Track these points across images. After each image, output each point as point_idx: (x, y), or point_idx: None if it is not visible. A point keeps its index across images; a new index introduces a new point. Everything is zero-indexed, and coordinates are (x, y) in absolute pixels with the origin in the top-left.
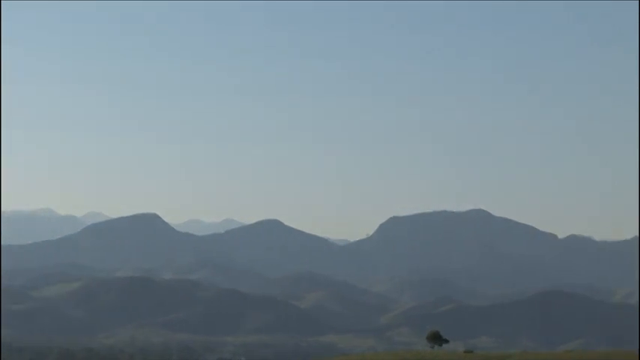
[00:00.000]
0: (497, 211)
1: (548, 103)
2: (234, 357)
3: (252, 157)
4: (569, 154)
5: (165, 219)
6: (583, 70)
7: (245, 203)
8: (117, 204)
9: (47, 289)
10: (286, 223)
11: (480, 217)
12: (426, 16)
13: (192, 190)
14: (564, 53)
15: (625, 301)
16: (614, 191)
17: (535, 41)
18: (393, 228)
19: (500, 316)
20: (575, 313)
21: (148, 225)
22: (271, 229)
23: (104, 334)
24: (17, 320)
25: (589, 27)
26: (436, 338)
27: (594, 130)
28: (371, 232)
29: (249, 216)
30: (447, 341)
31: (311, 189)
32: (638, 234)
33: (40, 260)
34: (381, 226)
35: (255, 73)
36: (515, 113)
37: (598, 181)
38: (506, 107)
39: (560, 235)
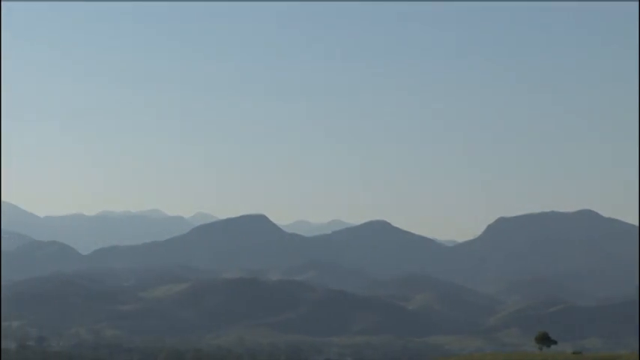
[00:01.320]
0: (605, 212)
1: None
2: (341, 358)
3: (360, 157)
4: None
5: (273, 220)
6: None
7: (352, 204)
8: (225, 205)
9: (156, 290)
10: (394, 223)
11: (587, 217)
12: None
13: (300, 191)
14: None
15: None
16: None
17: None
18: (501, 229)
19: (608, 316)
20: None
21: (255, 226)
22: (379, 230)
23: (212, 335)
24: (126, 321)
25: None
26: (544, 339)
27: None
28: (479, 233)
29: (357, 217)
30: (555, 342)
31: (419, 190)
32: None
33: (148, 261)
34: (489, 226)
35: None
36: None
37: None
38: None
39: None
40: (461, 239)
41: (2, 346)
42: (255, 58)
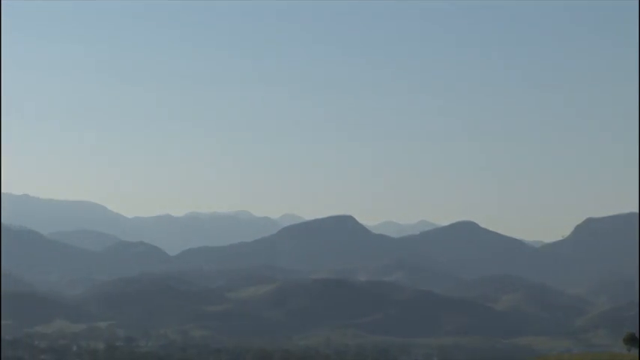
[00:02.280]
0: None
1: None
2: (429, 359)
3: (448, 157)
4: None
5: (361, 221)
6: None
7: (440, 205)
8: (312, 206)
9: (243, 291)
10: (481, 224)
11: None
12: None
13: (388, 191)
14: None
15: None
16: None
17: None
18: (590, 229)
19: None
20: None
21: (343, 227)
22: (466, 230)
23: (299, 336)
24: (214, 321)
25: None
26: (632, 340)
27: None
28: (567, 234)
29: (444, 218)
30: None
31: (506, 190)
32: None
33: (236, 262)
34: (577, 227)
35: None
36: None
37: None
38: None
39: None
40: (548, 240)
41: (92, 347)
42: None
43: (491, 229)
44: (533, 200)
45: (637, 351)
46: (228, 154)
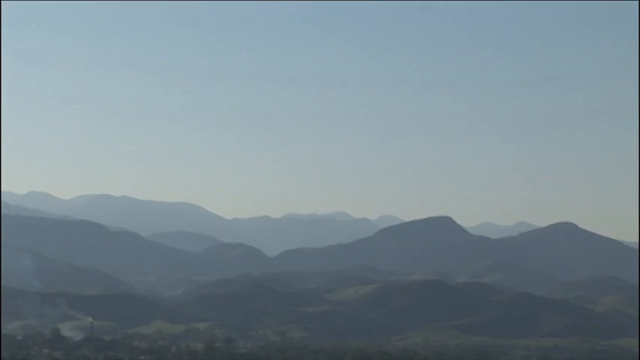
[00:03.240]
0: None
1: None
2: None
3: (543, 158)
4: None
5: (459, 222)
6: None
7: (539, 206)
8: (411, 207)
9: (342, 292)
10: (580, 225)
11: None
12: None
13: (486, 193)
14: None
15: None
16: None
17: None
18: None
19: None
20: None
21: (441, 228)
22: (565, 232)
23: (398, 337)
24: (313, 323)
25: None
26: None
27: None
28: None
29: (543, 219)
30: None
31: (605, 191)
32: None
33: (335, 263)
34: None
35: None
36: None
37: None
38: None
39: None
40: None
41: (191, 348)
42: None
43: (590, 230)
44: (632, 200)
45: None
46: (327, 155)
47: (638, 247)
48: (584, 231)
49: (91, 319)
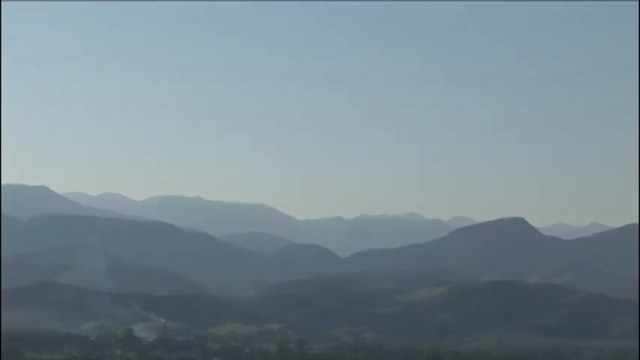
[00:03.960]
0: None
1: None
2: None
3: (617, 158)
4: None
5: (532, 223)
6: None
7: (612, 207)
8: (484, 208)
9: (414, 293)
10: None
11: None
12: None
13: (559, 193)
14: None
15: None
16: None
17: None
18: None
19: None
20: None
21: (514, 229)
22: (638, 232)
23: (470, 338)
24: (385, 324)
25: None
26: None
27: None
28: None
29: (616, 220)
30: None
31: None
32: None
33: (407, 264)
34: None
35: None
36: None
37: None
38: None
39: None
40: None
41: (263, 349)
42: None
43: None
44: None
45: None
46: (397, 156)
47: None
48: None
49: (163, 320)
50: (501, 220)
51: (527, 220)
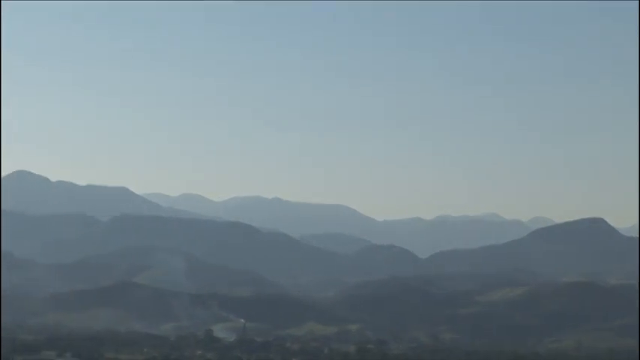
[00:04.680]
0: None
1: None
2: None
3: None
4: None
5: (612, 223)
6: None
7: None
8: (563, 209)
9: (493, 294)
10: None
11: None
12: None
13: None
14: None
15: None
16: None
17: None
18: None
19: None
20: None
21: (594, 229)
22: None
23: (550, 340)
24: (464, 324)
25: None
26: None
27: None
28: None
29: None
30: None
31: None
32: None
33: (486, 265)
34: None
35: None
36: None
37: None
38: None
39: None
40: None
41: (342, 349)
42: None
43: None
44: None
45: None
46: (479, 156)
47: None
48: None
49: (243, 321)
50: (581, 220)
51: (607, 220)
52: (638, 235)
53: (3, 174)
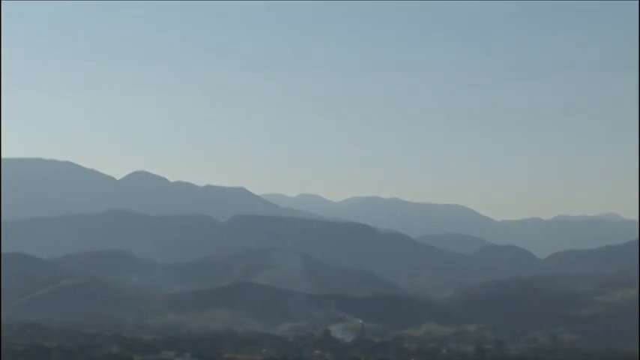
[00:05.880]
0: None
1: None
2: None
3: None
4: None
5: None
6: None
7: None
8: None
9: (613, 294)
10: None
11: None
12: None
13: None
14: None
15: None
16: None
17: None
18: None
19: None
20: None
21: None
22: None
23: None
24: (584, 325)
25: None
26: None
27: None
28: None
29: None
30: None
31: None
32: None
33: (605, 265)
34: None
35: None
36: None
37: None
38: None
39: None
40: None
41: (461, 350)
42: None
43: None
44: None
45: None
46: (597, 155)
47: None
48: None
49: (361, 321)
50: None
51: None
52: None
53: (121, 175)
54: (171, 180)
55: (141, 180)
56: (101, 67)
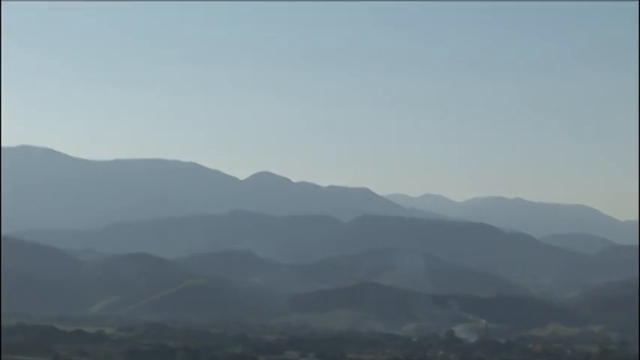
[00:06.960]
0: None
1: None
2: None
3: None
4: None
5: None
6: None
7: None
8: None
9: None
10: None
11: None
12: None
13: None
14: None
15: None
16: None
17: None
18: None
19: None
20: None
21: None
22: None
23: None
24: None
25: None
26: None
27: None
28: None
29: None
30: None
31: None
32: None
33: None
34: None
35: None
36: None
37: None
38: None
39: None
40: None
41: (585, 350)
42: None
43: None
44: None
45: None
46: None
47: None
48: None
49: (484, 321)
50: None
51: None
52: None
53: (245, 175)
54: (295, 180)
55: (264, 180)
56: (228, 70)
